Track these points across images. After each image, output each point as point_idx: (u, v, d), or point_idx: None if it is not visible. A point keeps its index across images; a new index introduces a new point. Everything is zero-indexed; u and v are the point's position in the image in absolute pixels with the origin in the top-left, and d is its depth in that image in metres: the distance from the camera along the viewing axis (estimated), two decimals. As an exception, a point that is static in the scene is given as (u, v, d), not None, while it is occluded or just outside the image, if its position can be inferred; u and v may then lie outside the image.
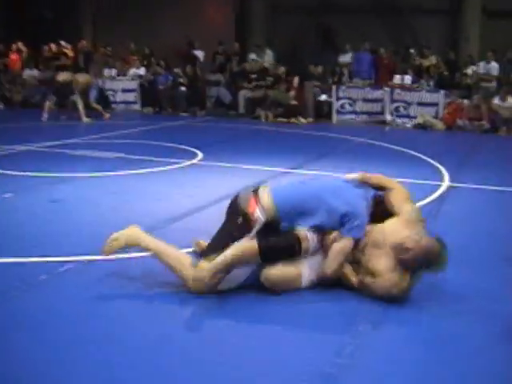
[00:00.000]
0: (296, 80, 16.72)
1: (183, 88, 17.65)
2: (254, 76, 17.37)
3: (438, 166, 9.56)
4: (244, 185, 7.46)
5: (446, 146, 13.71)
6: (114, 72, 18.83)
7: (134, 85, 18.34)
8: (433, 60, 17.79)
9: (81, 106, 14.82)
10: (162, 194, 7.21)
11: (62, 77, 15.10)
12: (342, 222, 4.31)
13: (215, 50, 19.09)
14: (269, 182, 5.03)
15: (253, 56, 18.60)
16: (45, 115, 14.66)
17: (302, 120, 15.88)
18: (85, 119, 14.64)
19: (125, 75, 18.74)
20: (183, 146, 10.81)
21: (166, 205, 6.71)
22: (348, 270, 4.35)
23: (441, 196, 7.30)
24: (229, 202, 4.60)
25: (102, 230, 4.78)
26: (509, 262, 5.12)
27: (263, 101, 16.50)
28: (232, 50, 19.00)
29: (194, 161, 9.53)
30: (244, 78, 17.46)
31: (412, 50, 18.37)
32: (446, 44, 19.77)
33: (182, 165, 9.11)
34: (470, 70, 17.20)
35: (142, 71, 18.60)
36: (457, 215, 6.59)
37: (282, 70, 17.33)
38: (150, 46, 19.79)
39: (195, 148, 10.56)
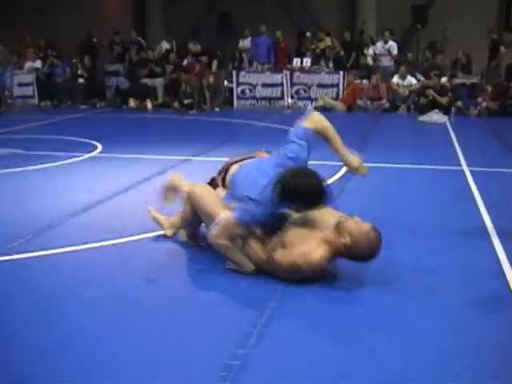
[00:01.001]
0: (215, 64, 16.60)
1: (82, 80, 17.29)
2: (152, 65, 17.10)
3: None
4: (144, 175, 7.52)
5: (347, 127, 13.84)
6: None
7: (30, 78, 17.81)
8: (328, 41, 17.98)
9: None
10: (61, 189, 7.02)
11: None
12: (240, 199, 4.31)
13: (111, 40, 18.74)
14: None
15: (165, 44, 18.52)
16: None
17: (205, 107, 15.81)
18: None
19: (20, 69, 18.08)
20: (82, 139, 10.57)
21: (65, 200, 6.52)
22: (254, 244, 4.34)
23: (343, 175, 7.35)
24: None
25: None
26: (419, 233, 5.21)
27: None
28: (129, 39, 18.69)
29: (94, 153, 9.32)
30: (144, 67, 17.17)
31: (308, 33, 18.52)
32: (344, 26, 20.07)
33: (81, 158, 8.91)
34: (371, 51, 17.48)
35: (38, 64, 18.09)
36: (360, 192, 6.67)
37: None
38: (48, 39, 19.28)
39: (95, 140, 10.35)
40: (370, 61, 17.36)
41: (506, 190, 6.93)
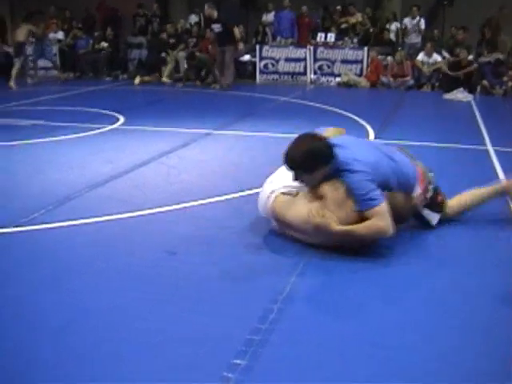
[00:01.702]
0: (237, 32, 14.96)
1: (104, 52, 17.26)
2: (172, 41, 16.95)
3: (363, 123, 9.59)
4: (165, 148, 7.49)
5: (370, 104, 13.79)
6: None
7: (53, 50, 17.74)
8: (359, 17, 17.83)
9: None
10: (82, 161, 7.00)
11: None
12: None
13: (135, 12, 18.69)
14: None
15: (193, 18, 18.43)
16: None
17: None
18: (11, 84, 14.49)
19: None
20: (104, 111, 10.57)
21: (86, 171, 6.51)
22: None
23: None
24: None
25: (16, 200, 4.61)
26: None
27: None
28: (152, 11, 18.60)
29: (116, 125, 9.30)
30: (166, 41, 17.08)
31: (338, 7, 18.36)
32: (369, 1, 19.85)
33: (102, 130, 8.89)
34: (393, 26, 17.31)
35: (60, 35, 18.05)
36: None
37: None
38: (71, 9, 19.23)
39: (117, 112, 10.35)
40: (393, 37, 17.21)
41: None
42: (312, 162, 4.17)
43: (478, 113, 11.51)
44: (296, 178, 4.30)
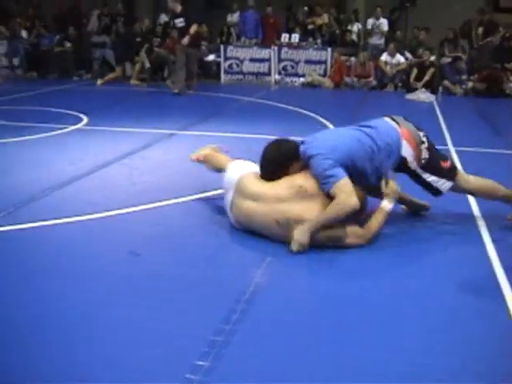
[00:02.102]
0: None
1: (68, 51, 17.09)
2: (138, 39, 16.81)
3: (327, 123, 9.64)
4: (129, 149, 7.46)
5: (334, 104, 13.87)
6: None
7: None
8: (325, 18, 17.91)
9: None
10: (44, 162, 6.95)
11: None
12: None
13: (100, 11, 18.54)
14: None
15: (164, 18, 18.24)
16: None
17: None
18: None
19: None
20: (68, 111, 10.48)
21: (49, 172, 6.47)
22: None
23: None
24: None
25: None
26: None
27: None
28: (116, 11, 18.48)
29: (79, 126, 9.24)
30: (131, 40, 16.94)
31: (305, 8, 18.43)
32: (333, 3, 19.94)
33: (66, 130, 8.82)
34: (355, 27, 17.42)
35: (24, 34, 17.84)
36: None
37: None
38: (36, 8, 19.03)
39: (80, 112, 10.27)
40: (355, 38, 17.33)
41: (490, 169, 6.95)
42: (284, 162, 4.54)
43: (439, 113, 11.64)
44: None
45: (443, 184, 4.89)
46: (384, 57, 15.87)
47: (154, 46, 16.44)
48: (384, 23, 16.92)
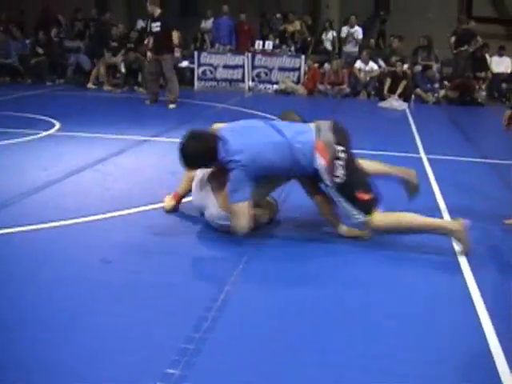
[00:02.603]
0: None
1: (41, 56, 16.97)
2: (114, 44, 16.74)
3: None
4: (101, 155, 7.43)
5: (308, 111, 13.87)
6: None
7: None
8: (297, 26, 17.99)
9: None
10: (16, 167, 6.90)
11: None
12: None
13: (73, 16, 18.47)
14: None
15: (140, 23, 18.14)
16: None
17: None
18: None
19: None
20: (40, 117, 10.41)
21: (21, 178, 6.42)
22: None
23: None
24: None
25: None
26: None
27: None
28: (90, 16, 18.40)
29: (51, 131, 9.18)
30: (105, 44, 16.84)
31: (278, 15, 18.50)
32: (307, 11, 20.06)
33: (38, 136, 8.76)
34: (329, 35, 17.51)
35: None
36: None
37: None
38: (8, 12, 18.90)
39: (53, 118, 10.20)
40: (328, 46, 17.42)
41: (461, 177, 7.03)
42: (201, 161, 4.74)
43: (412, 121, 11.73)
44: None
45: (355, 216, 4.61)
46: (358, 64, 15.98)
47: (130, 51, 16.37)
48: (358, 31, 17.00)
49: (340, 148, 4.57)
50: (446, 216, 5.44)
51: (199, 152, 4.65)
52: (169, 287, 3.88)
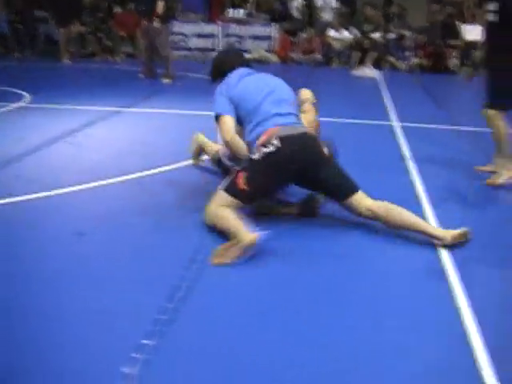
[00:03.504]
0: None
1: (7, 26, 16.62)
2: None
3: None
4: (73, 126, 7.38)
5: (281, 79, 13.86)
6: None
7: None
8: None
9: None
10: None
11: None
12: None
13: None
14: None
15: None
16: None
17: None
18: None
19: None
20: (10, 89, 10.29)
21: (-7, 150, 6.38)
22: None
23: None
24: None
25: None
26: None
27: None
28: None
29: (22, 104, 9.08)
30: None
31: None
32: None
33: (8, 108, 8.67)
34: (295, 3, 17.44)
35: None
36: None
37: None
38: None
39: (23, 90, 10.09)
40: (295, 13, 17.32)
41: (432, 144, 7.08)
42: (213, 71, 5.14)
43: (384, 89, 11.76)
44: None
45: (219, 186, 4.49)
46: (332, 32, 15.95)
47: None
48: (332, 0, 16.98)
49: (276, 141, 4.30)
50: (417, 178, 5.53)
51: (215, 61, 5.18)
52: (142, 258, 3.87)
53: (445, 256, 3.99)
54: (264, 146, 4.32)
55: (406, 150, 6.75)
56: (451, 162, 6.35)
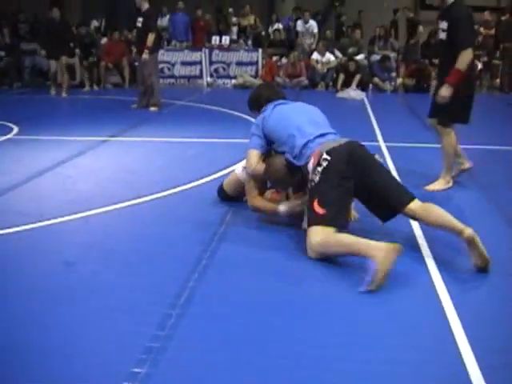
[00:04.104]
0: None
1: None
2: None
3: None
4: (62, 157, 7.39)
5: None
6: None
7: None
8: (251, 20, 18.05)
9: None
10: (-25, 174, 6.85)
11: None
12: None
13: (15, 18, 17.96)
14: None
15: (95, 23, 18.00)
16: None
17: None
18: None
19: None
20: (-2, 122, 10.32)
21: (-21, 184, 6.38)
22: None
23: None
24: None
25: None
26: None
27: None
28: (45, 17, 18.07)
29: (10, 136, 9.10)
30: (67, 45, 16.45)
31: (230, 10, 18.55)
32: (263, 4, 20.17)
33: (-4, 141, 8.71)
34: (280, 25, 17.65)
35: None
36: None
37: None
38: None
39: (11, 122, 10.10)
40: (278, 38, 17.49)
41: (418, 163, 7.13)
42: (250, 104, 5.51)
43: (370, 110, 11.85)
44: None
45: (303, 222, 4.63)
46: (315, 55, 16.08)
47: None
48: (313, 25, 17.20)
49: (325, 157, 4.43)
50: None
51: (255, 95, 5.50)
52: (133, 287, 3.87)
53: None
54: (318, 165, 4.44)
55: (392, 168, 6.82)
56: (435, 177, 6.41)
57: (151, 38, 11.58)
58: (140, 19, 11.78)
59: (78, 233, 4.92)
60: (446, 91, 5.86)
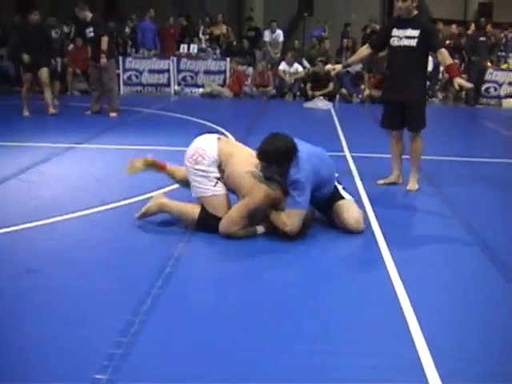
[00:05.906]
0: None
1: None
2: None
3: (227, 132, 9.68)
4: (26, 164, 7.33)
5: (234, 113, 14.01)
6: None
7: None
8: (223, 29, 18.10)
9: None
10: None
11: None
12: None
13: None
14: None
15: (65, 29, 17.85)
16: None
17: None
18: None
19: None
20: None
21: None
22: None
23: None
24: None
25: None
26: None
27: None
28: (12, 22, 18.02)
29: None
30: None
31: (207, 19, 18.60)
32: (232, 13, 20.23)
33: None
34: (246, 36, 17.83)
35: None
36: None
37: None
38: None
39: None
40: (246, 47, 17.61)
41: (382, 173, 7.21)
42: (281, 157, 4.84)
43: (336, 120, 11.94)
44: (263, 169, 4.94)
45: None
46: (282, 66, 16.14)
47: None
48: (279, 34, 17.32)
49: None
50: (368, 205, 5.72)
51: (281, 149, 4.84)
52: (96, 293, 3.89)
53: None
54: None
55: (356, 176, 6.91)
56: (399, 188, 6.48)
57: (105, 40, 11.79)
58: (90, 29, 11.98)
59: (42, 239, 4.89)
60: (463, 81, 6.45)
